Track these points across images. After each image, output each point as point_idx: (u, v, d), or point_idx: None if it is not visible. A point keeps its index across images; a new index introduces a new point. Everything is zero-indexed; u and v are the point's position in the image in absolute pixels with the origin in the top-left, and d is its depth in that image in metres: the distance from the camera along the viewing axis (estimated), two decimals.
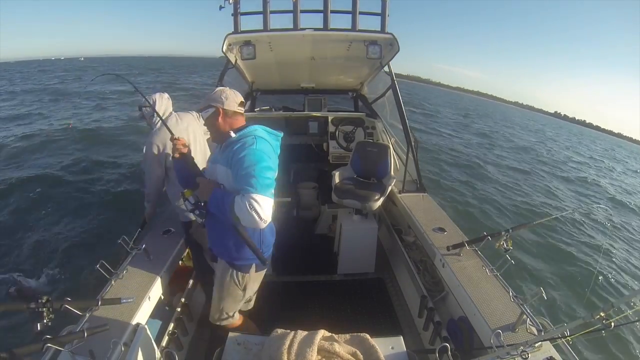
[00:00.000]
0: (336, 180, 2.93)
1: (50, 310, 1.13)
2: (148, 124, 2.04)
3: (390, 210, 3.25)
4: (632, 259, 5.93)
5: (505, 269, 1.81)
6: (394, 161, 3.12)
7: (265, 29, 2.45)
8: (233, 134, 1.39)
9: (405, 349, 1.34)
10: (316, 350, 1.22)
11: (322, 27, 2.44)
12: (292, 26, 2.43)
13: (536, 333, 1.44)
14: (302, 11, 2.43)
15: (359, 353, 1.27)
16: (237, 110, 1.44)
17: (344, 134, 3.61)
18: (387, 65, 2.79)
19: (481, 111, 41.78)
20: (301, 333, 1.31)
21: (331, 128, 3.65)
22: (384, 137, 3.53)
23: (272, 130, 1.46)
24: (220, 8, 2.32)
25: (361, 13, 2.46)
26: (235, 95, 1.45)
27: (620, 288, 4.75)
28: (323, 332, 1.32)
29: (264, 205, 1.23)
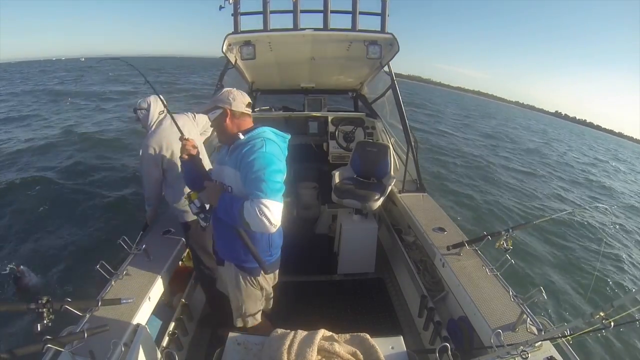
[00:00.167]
0: (336, 180, 2.93)
1: (51, 310, 1.13)
2: (143, 126, 2.00)
3: (390, 210, 3.25)
4: (633, 259, 5.92)
5: (505, 268, 1.82)
6: (394, 161, 3.12)
7: (265, 29, 2.44)
8: (241, 135, 1.37)
9: (405, 349, 1.34)
10: (316, 350, 1.22)
11: (322, 27, 2.43)
12: (292, 26, 2.42)
13: (536, 333, 1.44)
14: (302, 11, 2.43)
15: (359, 353, 1.27)
16: (245, 111, 1.43)
17: (344, 134, 3.60)
18: (387, 65, 2.79)
19: (482, 111, 41.71)
20: (301, 333, 1.30)
21: (331, 128, 3.64)
22: (384, 137, 3.53)
23: (280, 132, 1.45)
24: (220, 8, 2.31)
25: (361, 13, 2.46)
26: (243, 96, 1.44)
27: (620, 288, 4.75)
28: (323, 332, 1.32)
29: (274, 210, 1.22)
